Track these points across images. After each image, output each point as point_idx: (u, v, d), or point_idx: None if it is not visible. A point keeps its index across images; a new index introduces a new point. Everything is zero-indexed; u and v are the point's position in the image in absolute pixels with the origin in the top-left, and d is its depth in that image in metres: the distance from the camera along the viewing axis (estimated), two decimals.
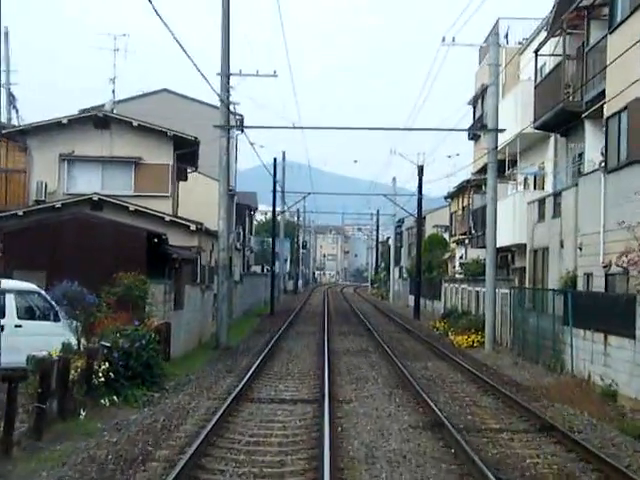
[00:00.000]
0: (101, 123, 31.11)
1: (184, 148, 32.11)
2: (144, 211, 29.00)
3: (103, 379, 16.25)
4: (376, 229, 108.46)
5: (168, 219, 29.30)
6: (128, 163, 31.41)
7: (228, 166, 30.36)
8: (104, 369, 16.40)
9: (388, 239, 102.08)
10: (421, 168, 53.33)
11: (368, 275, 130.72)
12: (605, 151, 22.23)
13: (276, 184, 59.70)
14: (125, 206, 28.94)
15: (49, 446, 12.65)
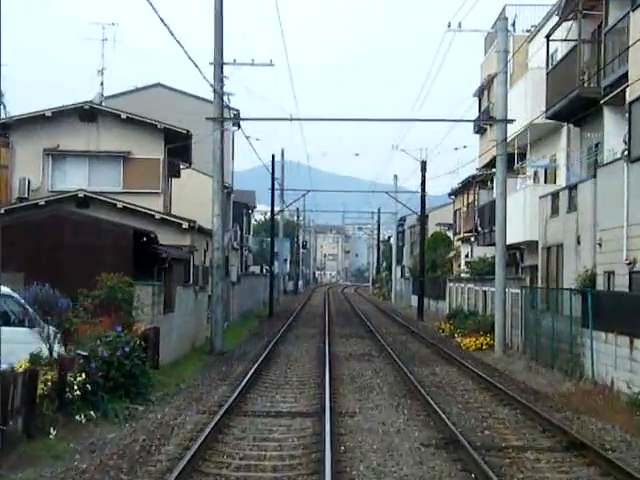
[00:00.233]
0: (87, 116, 29.46)
1: (176, 142, 30.47)
2: (133, 208, 27.55)
3: (78, 392, 14.61)
4: (377, 228, 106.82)
5: (158, 217, 27.81)
6: (116, 158, 29.79)
7: (222, 160, 28.67)
8: (80, 381, 14.76)
9: (389, 238, 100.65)
10: (424, 163, 51.77)
11: (369, 275, 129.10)
12: (628, 138, 20.59)
13: (275, 182, 58.17)
14: (113, 203, 27.46)
15: (9, 473, 11.05)
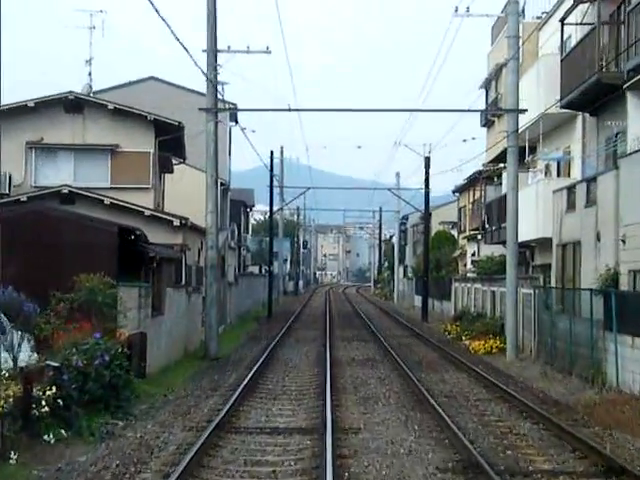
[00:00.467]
0: (73, 107, 27.71)
1: (167, 134, 28.73)
2: (121, 205, 25.89)
3: (47, 409, 12.90)
4: (379, 227, 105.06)
5: (148, 213, 26.13)
6: (103, 151, 28.05)
7: (216, 153, 26.97)
8: (49, 395, 13.07)
9: (391, 237, 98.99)
10: (428, 159, 50.05)
11: (370, 275, 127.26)
12: None
13: (274, 179, 56.49)
14: (100, 199, 25.79)
15: None
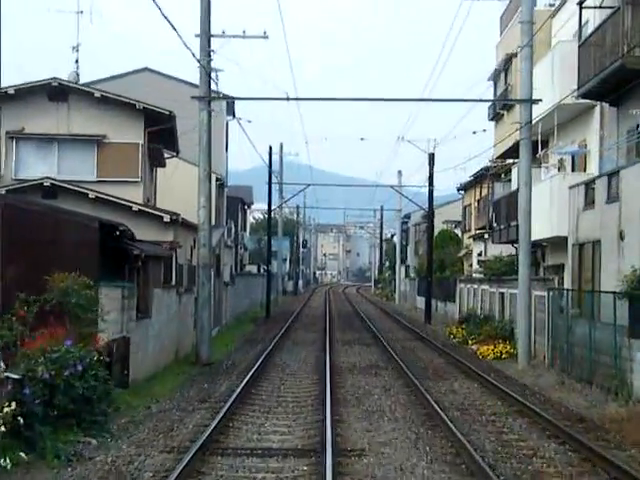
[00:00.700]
0: (57, 94, 25.99)
1: (158, 125, 27.02)
2: (107, 199, 24.21)
3: (4, 428, 11.22)
4: (380, 225, 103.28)
5: (136, 209, 24.41)
6: (89, 142, 26.34)
7: (209, 145, 25.25)
8: (8, 412, 11.38)
9: (393, 236, 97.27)
10: (432, 156, 48.30)
11: (371, 275, 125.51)
12: None
13: (273, 176, 54.82)
14: (84, 193, 24.06)
15: None
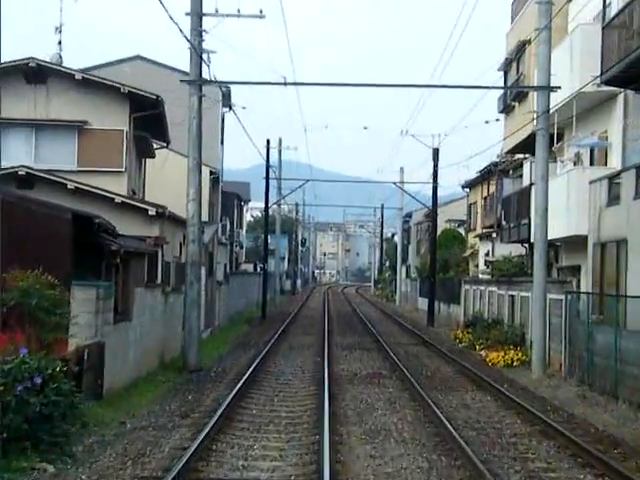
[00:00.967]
0: (35, 76, 23.97)
1: (145, 110, 25.03)
2: (88, 190, 22.22)
3: None
4: (380, 224, 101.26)
5: (119, 200, 22.42)
6: (69, 128, 24.34)
7: (200, 133, 23.25)
8: None
9: (393, 236, 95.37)
10: (436, 151, 46.31)
11: (370, 274, 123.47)
12: None
13: (272, 171, 52.77)
14: (63, 183, 22.07)
15: None
